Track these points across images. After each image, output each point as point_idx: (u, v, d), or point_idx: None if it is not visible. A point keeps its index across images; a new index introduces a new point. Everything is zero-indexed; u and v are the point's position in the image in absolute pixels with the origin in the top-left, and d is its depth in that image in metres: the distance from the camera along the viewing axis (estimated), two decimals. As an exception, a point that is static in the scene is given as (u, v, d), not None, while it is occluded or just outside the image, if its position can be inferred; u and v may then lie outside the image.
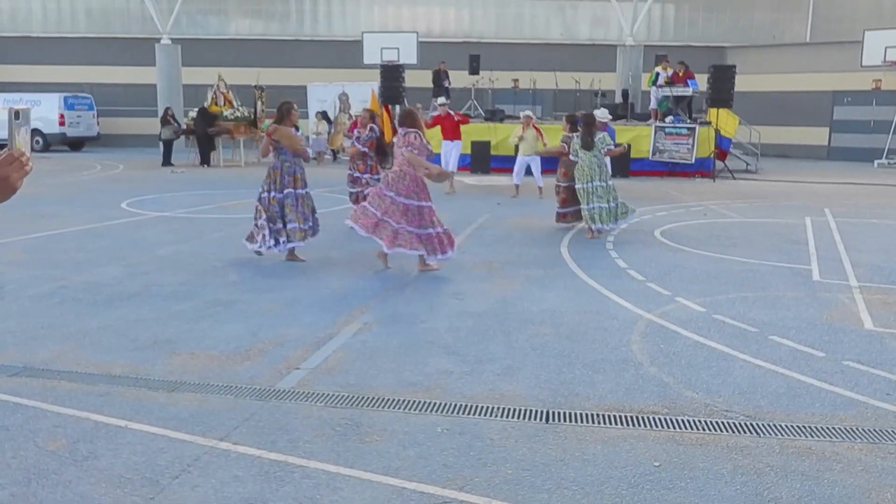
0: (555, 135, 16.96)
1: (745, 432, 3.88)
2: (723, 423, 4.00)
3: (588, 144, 9.63)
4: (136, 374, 4.66)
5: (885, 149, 22.65)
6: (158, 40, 24.91)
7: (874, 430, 3.91)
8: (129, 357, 4.96)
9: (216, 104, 21.04)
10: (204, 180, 16.92)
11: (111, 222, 10.53)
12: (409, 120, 7.87)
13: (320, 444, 3.70)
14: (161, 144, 20.87)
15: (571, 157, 9.93)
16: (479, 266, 7.92)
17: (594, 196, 9.56)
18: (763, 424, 3.97)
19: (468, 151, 17.96)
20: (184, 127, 21.14)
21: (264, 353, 5.08)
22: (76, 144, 26.22)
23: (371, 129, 10.15)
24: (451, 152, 14.72)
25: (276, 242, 7.94)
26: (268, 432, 3.83)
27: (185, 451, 3.59)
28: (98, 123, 26.65)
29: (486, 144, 18.68)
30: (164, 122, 20.79)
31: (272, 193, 7.97)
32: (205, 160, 20.32)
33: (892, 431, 3.90)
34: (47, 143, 25.12)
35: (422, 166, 7.52)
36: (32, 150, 1.92)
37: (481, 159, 18.59)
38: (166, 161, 20.32)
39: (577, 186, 9.73)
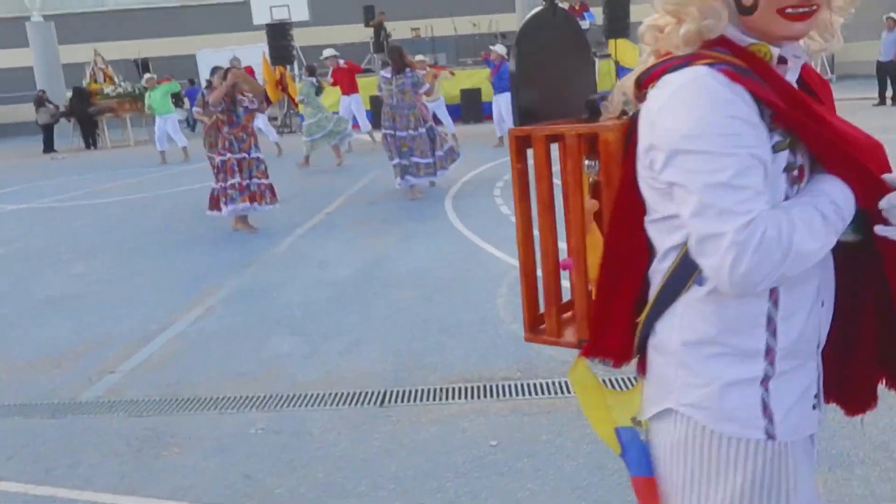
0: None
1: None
2: (580, 381, 3.55)
3: None
4: (-86, 401, 3.97)
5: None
6: (28, 18, 23.11)
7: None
8: (-86, 381, 4.25)
9: (96, 82, 19.69)
10: (86, 164, 15.79)
11: (-41, 221, 9.55)
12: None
13: (106, 467, 3.12)
14: (41, 130, 19.45)
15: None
16: (353, 227, 7.34)
17: None
18: (629, 378, 3.55)
19: (368, 107, 17.14)
20: (62, 109, 19.71)
21: (81, 356, 4.44)
22: (-49, 139, 24.40)
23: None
24: (351, 107, 13.73)
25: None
26: (46, 459, 3.23)
27: (-71, 499, 2.97)
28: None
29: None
30: (39, 105, 19.33)
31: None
32: (89, 142, 19.03)
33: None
34: (-81, 140, 23.28)
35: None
36: None
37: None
38: (48, 147, 18.96)
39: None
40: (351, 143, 12.78)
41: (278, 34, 18.75)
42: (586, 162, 1.40)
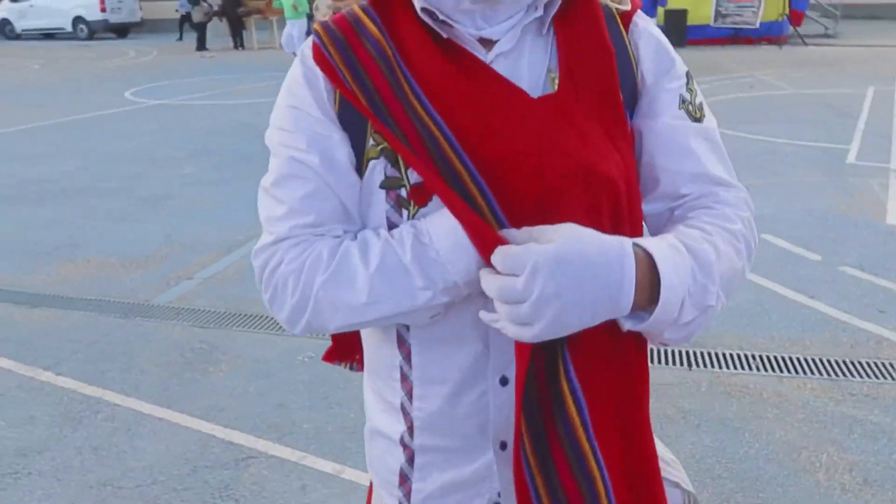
0: None
1: (672, 364, 3.12)
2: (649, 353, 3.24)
3: None
4: (9, 286, 4.19)
5: None
6: (191, -85, 23.70)
7: (841, 363, 3.08)
8: (11, 266, 4.49)
9: (247, -18, 20.09)
10: (231, 64, 16.28)
11: (101, 112, 10.06)
12: None
13: (153, 376, 3.16)
14: (195, 28, 20.19)
15: None
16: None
17: None
18: (702, 353, 3.20)
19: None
20: (216, 8, 20.30)
21: (165, 258, 4.54)
22: (121, 31, 25.73)
23: None
24: None
25: None
26: (104, 360, 3.31)
27: (-9, 385, 3.11)
28: (141, 8, 26.05)
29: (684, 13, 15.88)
30: (195, 2, 19.99)
31: None
32: (237, 43, 19.59)
33: (864, 364, 3.06)
34: (91, 30, 24.73)
35: None
36: (77, 38, 1.28)
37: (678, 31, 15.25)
38: (201, 45, 19.67)
39: None
40: None
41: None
42: None
